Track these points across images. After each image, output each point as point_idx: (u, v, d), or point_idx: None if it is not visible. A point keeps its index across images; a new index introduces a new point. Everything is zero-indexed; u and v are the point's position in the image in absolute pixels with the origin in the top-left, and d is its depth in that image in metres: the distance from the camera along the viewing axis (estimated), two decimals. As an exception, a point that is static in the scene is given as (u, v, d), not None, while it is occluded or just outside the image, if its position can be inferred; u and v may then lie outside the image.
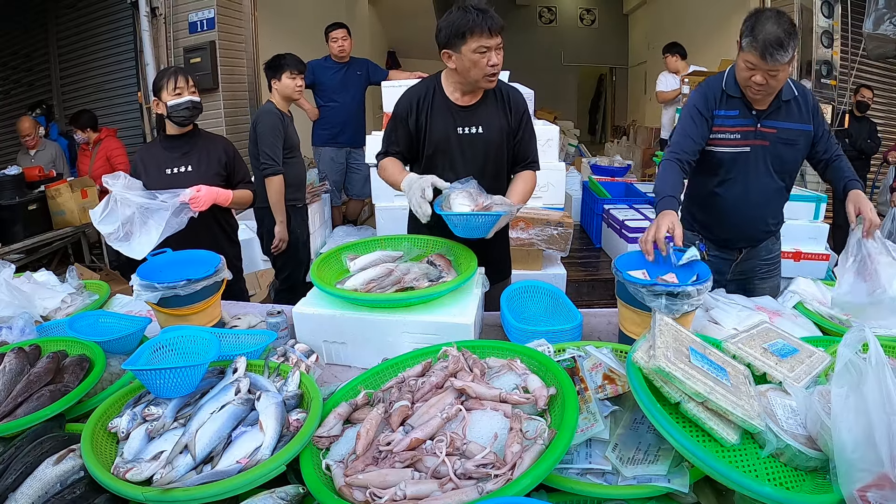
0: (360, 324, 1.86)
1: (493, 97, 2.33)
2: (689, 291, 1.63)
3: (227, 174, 2.81)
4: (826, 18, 5.88)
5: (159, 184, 2.66)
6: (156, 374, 1.35)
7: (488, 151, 2.33)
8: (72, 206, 5.05)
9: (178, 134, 2.74)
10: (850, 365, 1.10)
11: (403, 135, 2.38)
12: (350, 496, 1.12)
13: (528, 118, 2.38)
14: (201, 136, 2.82)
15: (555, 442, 1.14)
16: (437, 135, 2.33)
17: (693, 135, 2.34)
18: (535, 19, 14.23)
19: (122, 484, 1.15)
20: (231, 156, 2.84)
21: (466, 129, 2.31)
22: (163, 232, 2.37)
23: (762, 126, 2.31)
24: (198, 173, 2.71)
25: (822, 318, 2.02)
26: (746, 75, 2.17)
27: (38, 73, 7.13)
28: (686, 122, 2.38)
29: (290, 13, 7.42)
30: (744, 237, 2.52)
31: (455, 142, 2.32)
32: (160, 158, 2.74)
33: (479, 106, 2.32)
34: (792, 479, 1.15)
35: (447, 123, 2.32)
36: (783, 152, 2.37)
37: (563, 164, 4.67)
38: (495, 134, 2.32)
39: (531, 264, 4.20)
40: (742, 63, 2.17)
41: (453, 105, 2.32)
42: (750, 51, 2.10)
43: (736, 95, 2.31)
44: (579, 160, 8.24)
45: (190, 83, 2.65)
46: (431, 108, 2.34)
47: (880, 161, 6.30)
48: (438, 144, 2.34)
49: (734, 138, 2.35)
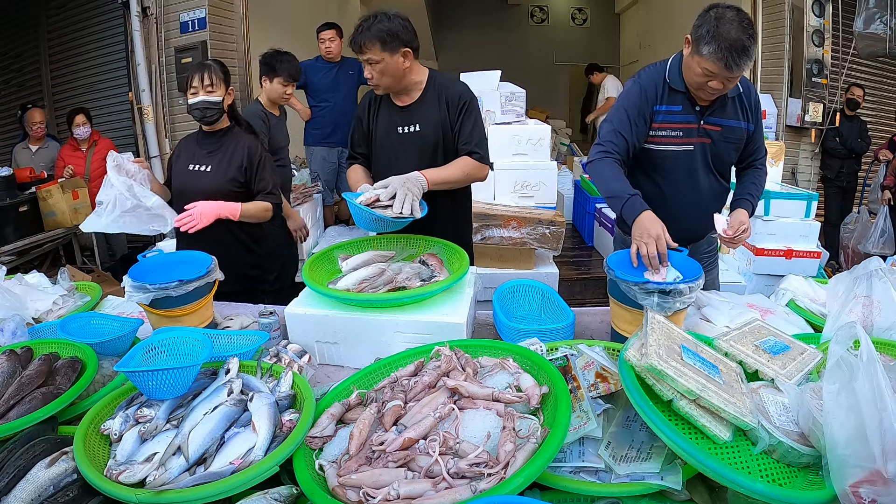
0: (352, 324, 1.86)
1: (432, 96, 2.40)
2: (681, 289, 1.64)
3: (244, 181, 2.66)
4: (817, 17, 5.91)
5: (181, 178, 2.65)
6: (148, 376, 1.35)
7: (425, 148, 2.40)
8: (63, 207, 5.02)
9: (209, 131, 2.67)
10: (842, 361, 1.10)
11: (362, 135, 2.52)
12: (343, 496, 1.12)
13: (468, 111, 2.39)
14: (231, 137, 2.69)
15: (548, 440, 1.14)
16: (381, 135, 2.46)
17: (627, 133, 2.17)
18: (526, 18, 14.23)
19: (115, 486, 1.14)
20: (255, 163, 2.66)
21: (406, 128, 2.41)
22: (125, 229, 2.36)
23: (705, 123, 2.20)
24: (214, 175, 2.61)
25: (814, 315, 2.03)
26: (702, 80, 2.02)
27: (28, 74, 7.10)
28: (620, 118, 2.19)
29: (282, 13, 7.40)
30: (689, 237, 2.32)
31: (396, 141, 2.42)
32: (190, 151, 2.69)
33: (416, 105, 2.41)
34: (784, 476, 1.15)
35: (389, 124, 2.44)
36: (723, 151, 2.26)
37: (554, 163, 4.69)
38: (432, 131, 2.39)
39: (523, 263, 4.21)
40: (698, 68, 2.00)
41: (394, 106, 2.44)
42: (712, 59, 1.93)
43: (680, 90, 2.17)
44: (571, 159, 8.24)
45: (206, 81, 2.53)
46: (378, 110, 2.48)
47: (871, 159, 6.33)
48: (382, 144, 2.47)
49: (676, 136, 2.21)
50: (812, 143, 6.23)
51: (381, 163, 2.49)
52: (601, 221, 5.54)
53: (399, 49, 2.23)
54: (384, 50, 2.21)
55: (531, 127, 4.67)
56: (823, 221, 5.34)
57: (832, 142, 6.14)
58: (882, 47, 5.47)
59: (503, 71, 4.90)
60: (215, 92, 2.56)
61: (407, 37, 2.25)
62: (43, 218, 5.03)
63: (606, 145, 2.16)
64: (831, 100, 6.07)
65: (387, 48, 2.21)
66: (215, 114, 2.60)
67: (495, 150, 4.53)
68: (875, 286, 1.82)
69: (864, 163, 6.40)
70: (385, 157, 2.46)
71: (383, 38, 2.19)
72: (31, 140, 5.62)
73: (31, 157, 5.57)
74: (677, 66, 2.18)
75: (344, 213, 5.91)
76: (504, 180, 4.54)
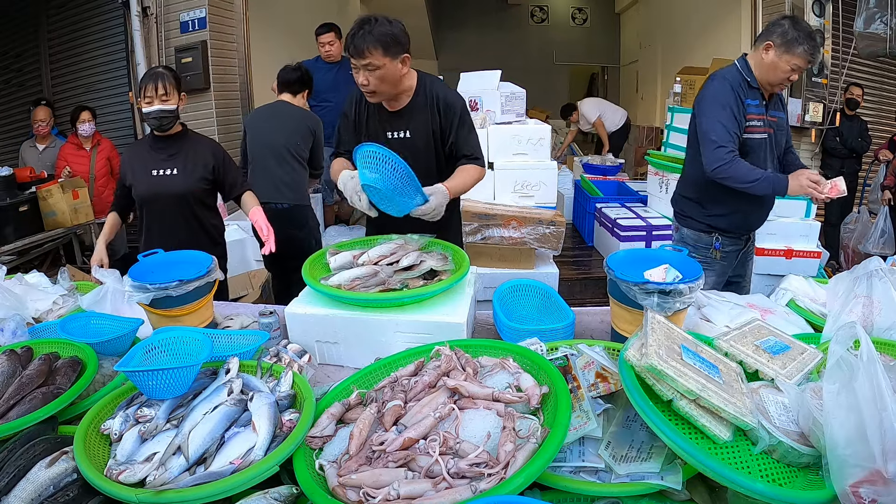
0: (352, 324, 1.86)
1: (424, 102, 2.38)
2: (681, 289, 1.64)
3: (213, 178, 2.81)
4: (817, 17, 5.91)
5: (145, 184, 2.73)
6: (148, 376, 1.35)
7: (416, 155, 2.35)
8: (63, 207, 5.01)
9: (163, 135, 2.74)
10: (842, 361, 1.10)
11: (350, 134, 2.50)
12: (343, 496, 1.12)
13: (462, 118, 2.41)
14: (189, 139, 2.82)
15: (548, 440, 1.14)
16: (369, 138, 2.40)
17: (736, 129, 2.49)
18: (526, 18, 14.24)
19: (115, 486, 1.14)
20: (220, 160, 2.83)
21: (395, 133, 2.41)
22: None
23: (769, 115, 2.60)
24: (183, 176, 2.74)
25: (814, 315, 2.03)
26: (786, 76, 2.46)
27: (28, 74, 7.09)
28: (728, 116, 2.49)
29: (282, 13, 7.40)
30: (758, 221, 2.77)
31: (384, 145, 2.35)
32: (147, 158, 2.76)
33: (406, 111, 2.39)
34: (784, 476, 1.15)
35: (377, 128, 2.43)
36: (780, 138, 2.67)
37: (554, 163, 4.69)
38: (423, 137, 2.39)
39: (523, 263, 4.21)
40: (787, 66, 2.44)
41: (383, 110, 2.42)
42: (805, 56, 2.41)
43: (755, 86, 2.55)
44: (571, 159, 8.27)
45: (160, 90, 2.60)
46: (367, 113, 2.45)
47: (871, 159, 6.33)
48: None
49: (758, 125, 2.57)
50: (812, 142, 6.23)
51: None
52: (601, 221, 5.54)
53: (400, 55, 2.21)
54: (386, 55, 2.17)
55: (531, 127, 4.67)
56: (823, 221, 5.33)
57: (832, 141, 6.14)
58: (882, 47, 5.47)
59: (503, 71, 4.90)
60: (170, 100, 2.65)
61: (406, 42, 2.23)
62: (43, 218, 5.02)
63: (728, 146, 2.47)
64: (831, 100, 6.07)
65: (389, 53, 2.17)
66: (171, 121, 2.71)
67: (495, 150, 4.55)
68: (875, 286, 1.82)
69: (865, 163, 6.40)
70: None
71: (386, 43, 2.15)
72: (38, 138, 5.62)
73: (39, 157, 5.57)
74: (748, 67, 2.57)
75: (344, 213, 5.90)
76: (504, 180, 4.55)
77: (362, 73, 2.20)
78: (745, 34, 6.88)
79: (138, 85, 2.70)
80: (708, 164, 2.50)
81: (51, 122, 5.66)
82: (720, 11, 7.71)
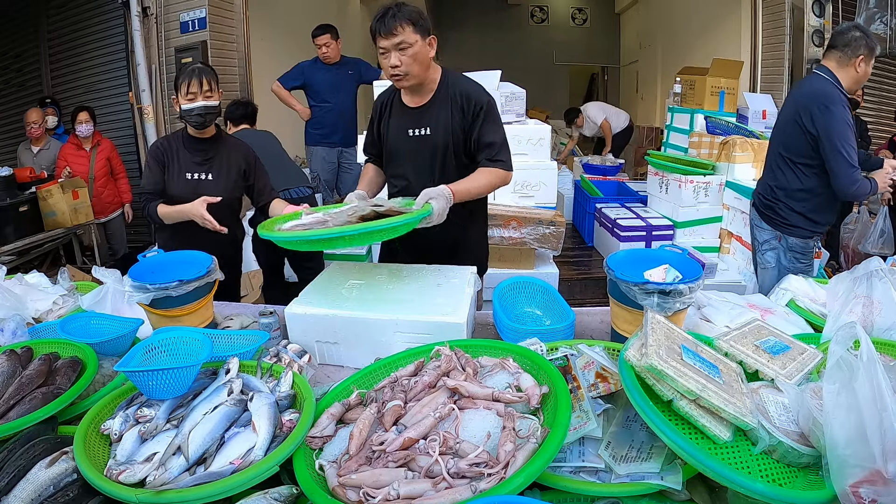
0: (352, 324, 1.86)
1: (445, 98, 2.32)
2: (681, 289, 1.64)
3: (246, 184, 2.76)
4: (817, 17, 5.91)
5: (179, 186, 2.61)
6: (148, 376, 1.35)
7: (436, 152, 2.34)
8: (63, 207, 5.01)
9: (199, 137, 2.66)
10: (842, 361, 1.10)
11: (374, 138, 2.50)
12: (343, 496, 1.12)
13: (485, 115, 2.29)
14: (224, 143, 2.74)
15: (548, 440, 1.14)
16: (392, 137, 2.41)
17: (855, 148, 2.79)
18: (526, 18, 14.25)
19: (115, 486, 1.14)
20: (251, 164, 2.77)
21: (416, 130, 2.35)
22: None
23: None
24: (217, 182, 2.66)
25: (814, 315, 2.03)
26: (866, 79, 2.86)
27: (28, 74, 7.09)
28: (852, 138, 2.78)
29: (282, 13, 7.40)
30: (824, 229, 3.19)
31: (406, 143, 2.37)
32: (182, 160, 2.65)
33: (428, 107, 2.34)
34: (784, 476, 1.15)
35: (400, 126, 2.39)
36: None
37: (554, 164, 4.69)
38: (442, 135, 2.32)
39: (523, 263, 4.21)
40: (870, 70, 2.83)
41: (406, 108, 2.38)
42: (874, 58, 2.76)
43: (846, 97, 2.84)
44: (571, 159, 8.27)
45: (205, 87, 2.52)
46: (391, 112, 2.43)
47: (871, 159, 6.32)
48: (393, 146, 2.42)
49: None
50: (812, 143, 6.21)
51: (392, 165, 2.47)
52: (601, 221, 5.54)
53: (428, 35, 2.19)
54: (416, 32, 2.14)
55: (531, 127, 4.67)
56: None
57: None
58: (882, 47, 5.48)
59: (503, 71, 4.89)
60: (213, 97, 2.56)
61: (430, 25, 2.21)
62: (43, 218, 5.02)
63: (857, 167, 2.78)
64: (831, 100, 6.06)
65: (418, 31, 2.14)
66: (214, 118, 2.61)
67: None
68: (875, 286, 1.82)
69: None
70: (397, 160, 2.44)
71: (415, 19, 2.13)
72: (32, 140, 5.62)
73: (34, 159, 5.57)
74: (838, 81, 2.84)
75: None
76: (504, 180, 4.54)
77: (394, 55, 2.15)
78: (745, 34, 6.88)
79: (176, 80, 2.58)
80: (846, 186, 2.78)
81: (44, 123, 5.66)
82: (720, 11, 7.70)
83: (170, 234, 2.68)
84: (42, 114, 5.67)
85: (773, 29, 6.36)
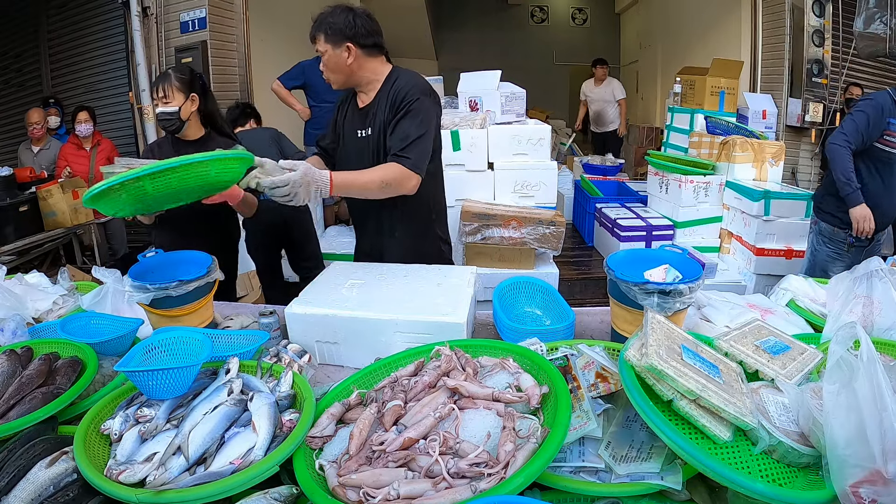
0: (352, 324, 1.86)
1: (385, 96, 2.30)
2: (681, 289, 1.64)
3: None
4: (817, 18, 5.92)
5: None
6: (148, 376, 1.35)
7: (376, 153, 2.32)
8: (63, 207, 5.02)
9: (185, 139, 2.70)
10: (842, 362, 1.10)
11: (331, 132, 2.53)
12: (343, 496, 1.12)
13: (407, 110, 2.20)
14: (214, 143, 2.71)
15: (548, 440, 1.14)
16: (346, 138, 2.44)
17: (865, 133, 3.05)
18: (526, 18, 14.26)
19: (115, 486, 1.14)
20: None
21: (363, 131, 2.37)
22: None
23: None
24: None
25: (814, 315, 2.03)
26: None
27: (28, 74, 7.10)
28: (863, 121, 3.06)
29: (282, 13, 7.41)
30: (883, 224, 3.27)
31: (355, 144, 2.39)
32: None
33: (371, 107, 2.35)
34: (784, 476, 1.15)
35: (351, 127, 2.41)
36: None
37: (554, 163, 4.69)
38: (378, 134, 2.32)
39: (523, 263, 4.21)
40: None
41: (356, 108, 2.40)
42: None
43: None
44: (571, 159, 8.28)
45: (160, 93, 2.57)
46: (347, 111, 2.45)
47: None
48: (345, 147, 2.45)
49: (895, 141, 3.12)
50: (812, 143, 6.23)
51: (342, 166, 2.43)
52: (601, 221, 5.55)
53: (342, 43, 2.21)
54: (327, 42, 2.21)
55: (531, 127, 4.67)
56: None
57: (832, 142, 6.15)
58: (882, 47, 5.47)
59: (503, 71, 4.90)
60: (170, 102, 2.60)
61: (350, 32, 2.20)
62: (43, 218, 5.03)
63: (850, 136, 3.09)
64: (831, 100, 6.08)
65: (329, 41, 2.21)
66: (174, 122, 2.64)
67: (495, 150, 4.55)
68: (875, 286, 1.82)
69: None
70: (346, 162, 2.42)
71: (325, 31, 2.20)
72: (32, 140, 5.62)
73: (34, 159, 5.58)
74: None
75: (344, 213, 5.91)
76: (504, 180, 4.55)
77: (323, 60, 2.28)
78: (745, 34, 6.89)
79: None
80: (831, 139, 3.14)
81: (46, 124, 5.66)
82: (720, 11, 7.71)
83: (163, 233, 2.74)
84: (44, 114, 5.67)
85: (773, 29, 6.36)
